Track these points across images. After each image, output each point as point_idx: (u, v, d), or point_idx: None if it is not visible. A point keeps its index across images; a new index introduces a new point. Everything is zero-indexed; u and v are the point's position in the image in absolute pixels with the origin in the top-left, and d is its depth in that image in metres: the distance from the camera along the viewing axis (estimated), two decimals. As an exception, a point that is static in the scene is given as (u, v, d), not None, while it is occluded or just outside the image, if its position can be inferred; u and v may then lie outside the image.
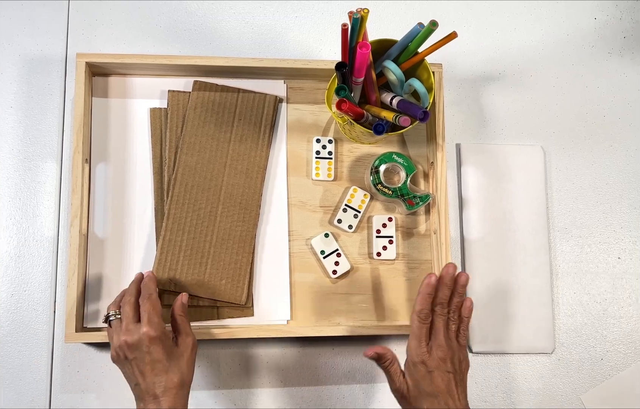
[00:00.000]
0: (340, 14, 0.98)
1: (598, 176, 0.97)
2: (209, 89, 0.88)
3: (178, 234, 0.83)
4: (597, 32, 1.02)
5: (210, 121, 0.86)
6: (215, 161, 0.86)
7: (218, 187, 0.85)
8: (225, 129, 0.86)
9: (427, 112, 0.77)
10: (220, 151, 0.86)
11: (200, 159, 0.85)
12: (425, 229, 0.91)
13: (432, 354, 0.72)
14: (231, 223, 0.85)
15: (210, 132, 0.86)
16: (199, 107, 0.86)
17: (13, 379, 0.84)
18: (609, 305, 0.94)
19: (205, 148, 0.85)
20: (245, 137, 0.87)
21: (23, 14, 0.93)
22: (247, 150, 0.87)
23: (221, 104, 0.87)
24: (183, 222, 0.83)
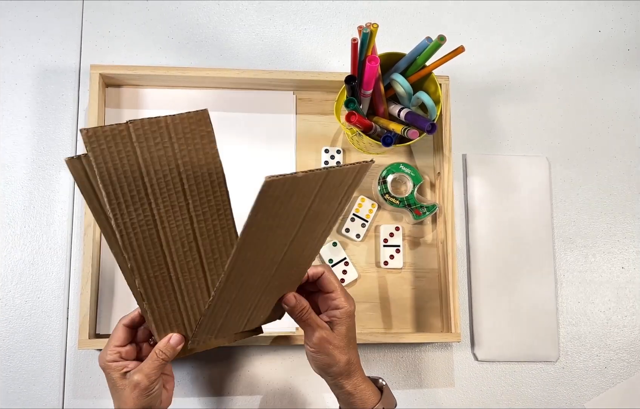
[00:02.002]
0: (348, 27, 0.99)
1: (602, 186, 0.99)
2: (281, 184, 0.55)
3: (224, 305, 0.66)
4: (602, 45, 1.03)
5: (279, 215, 0.59)
6: (278, 243, 0.63)
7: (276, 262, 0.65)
8: (295, 213, 0.61)
9: (434, 124, 0.78)
10: (286, 233, 0.63)
11: (260, 247, 0.62)
12: (431, 238, 0.93)
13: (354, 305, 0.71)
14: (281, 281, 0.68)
15: (275, 224, 0.60)
16: (271, 207, 0.58)
17: (27, 385, 0.85)
18: (612, 314, 0.95)
19: (267, 237, 0.61)
20: (316, 214, 0.63)
21: (37, 26, 0.94)
22: (317, 224, 0.65)
23: (295, 194, 0.59)
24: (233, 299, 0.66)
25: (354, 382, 0.71)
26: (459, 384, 0.91)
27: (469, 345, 0.92)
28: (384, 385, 0.74)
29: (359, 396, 0.71)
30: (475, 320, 0.92)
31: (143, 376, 0.67)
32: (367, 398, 0.71)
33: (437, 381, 0.91)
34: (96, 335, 0.84)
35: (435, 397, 0.91)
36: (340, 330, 0.69)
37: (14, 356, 0.86)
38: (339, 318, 0.69)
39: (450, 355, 0.92)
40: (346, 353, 0.69)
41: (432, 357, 0.91)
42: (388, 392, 0.74)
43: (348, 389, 0.70)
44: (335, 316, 0.69)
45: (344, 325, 0.70)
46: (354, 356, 0.71)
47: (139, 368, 0.68)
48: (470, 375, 0.92)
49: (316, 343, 0.69)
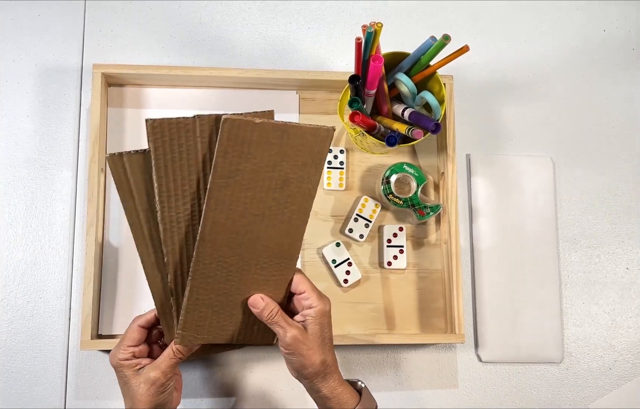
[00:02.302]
0: (351, 26, 0.99)
1: (607, 187, 0.98)
2: (243, 128, 0.63)
3: (205, 293, 0.69)
4: (606, 45, 1.03)
5: (245, 170, 0.65)
6: (250, 213, 0.67)
7: (253, 242, 0.68)
8: (263, 176, 0.66)
9: (438, 124, 0.78)
10: (257, 202, 0.67)
11: (231, 214, 0.66)
12: (435, 239, 0.92)
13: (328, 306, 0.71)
14: (266, 275, 0.71)
15: (245, 182, 0.65)
16: (231, 152, 0.64)
17: (29, 386, 0.85)
18: (617, 315, 0.95)
19: (238, 201, 0.66)
20: (288, 182, 0.67)
21: (39, 25, 0.94)
22: (290, 196, 0.68)
23: (260, 145, 0.65)
24: (211, 281, 0.69)
25: (330, 385, 0.70)
26: (462, 385, 0.91)
27: (473, 346, 0.92)
28: (363, 387, 0.73)
29: (337, 400, 0.70)
30: (479, 321, 0.91)
31: (160, 372, 0.69)
32: (345, 401, 0.70)
33: (441, 382, 0.91)
34: (98, 336, 0.84)
35: (438, 398, 0.90)
36: (314, 330, 0.69)
37: (16, 357, 0.85)
38: (312, 318, 0.69)
39: (454, 356, 0.91)
40: (320, 353, 0.68)
41: (436, 358, 0.91)
42: (367, 395, 0.72)
43: (324, 392, 0.70)
44: (309, 315, 0.69)
45: (317, 324, 0.69)
46: (329, 357, 0.70)
47: (155, 365, 0.69)
48: (474, 376, 0.91)
49: (289, 343, 0.67)
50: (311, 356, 0.68)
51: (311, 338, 0.68)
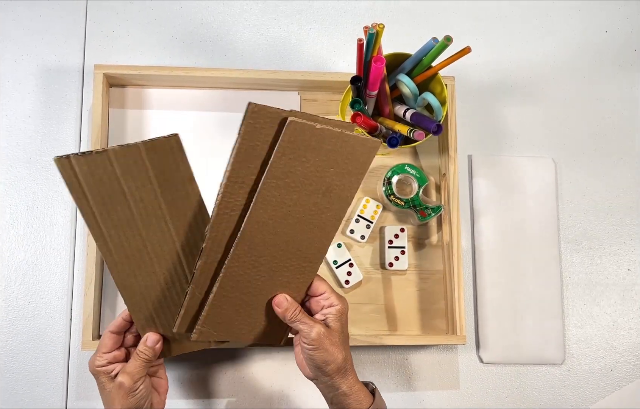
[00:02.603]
0: (353, 27, 0.99)
1: (608, 188, 0.98)
2: (304, 132, 0.65)
3: (231, 290, 0.70)
4: (608, 46, 1.03)
5: (297, 173, 0.66)
6: (290, 216, 0.68)
7: (286, 243, 0.70)
8: (311, 180, 0.67)
9: (440, 125, 0.78)
10: (300, 206, 0.68)
11: (274, 214, 0.67)
12: (437, 240, 0.92)
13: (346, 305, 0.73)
14: (289, 274, 0.71)
15: (293, 185, 0.67)
16: (288, 154, 0.65)
17: (30, 386, 0.85)
18: (618, 316, 0.95)
19: (283, 203, 0.67)
20: (330, 189, 0.69)
21: (41, 25, 0.94)
22: (330, 203, 0.69)
23: (315, 150, 0.66)
24: (240, 280, 0.69)
25: (349, 382, 0.70)
26: (464, 386, 0.91)
27: (474, 347, 0.92)
28: (375, 388, 0.74)
29: (354, 397, 0.70)
30: (480, 322, 0.91)
31: (126, 375, 0.69)
32: (362, 400, 0.70)
33: (442, 383, 0.91)
34: (99, 336, 0.84)
35: (440, 399, 0.90)
36: (336, 326, 0.70)
37: (17, 357, 0.85)
38: (334, 315, 0.70)
39: (456, 357, 0.91)
40: (342, 349, 0.70)
41: (437, 359, 0.91)
42: (379, 396, 0.73)
43: (344, 389, 0.70)
44: (331, 313, 0.70)
45: (339, 322, 0.70)
46: (349, 355, 0.71)
47: (122, 369, 0.70)
48: (475, 378, 0.91)
49: (315, 339, 0.68)
50: (334, 351, 0.69)
51: (334, 334, 0.70)
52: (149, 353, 0.70)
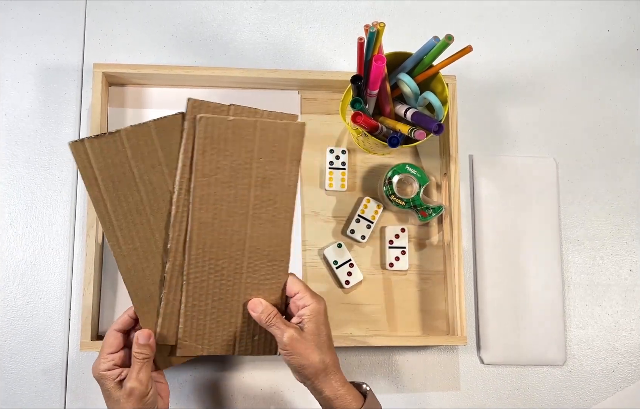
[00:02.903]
0: (354, 26, 0.98)
1: (610, 188, 0.98)
2: (218, 125, 0.68)
3: (201, 298, 0.71)
4: (610, 45, 1.02)
5: (224, 167, 0.69)
6: (234, 212, 0.70)
7: (241, 242, 0.71)
8: (243, 173, 0.69)
9: (441, 125, 0.78)
10: (240, 200, 0.70)
11: (217, 213, 0.69)
12: (437, 240, 0.92)
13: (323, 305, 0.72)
14: (259, 278, 0.72)
15: (225, 180, 0.69)
16: (209, 151, 0.68)
17: (28, 386, 0.85)
18: (620, 317, 0.94)
19: (221, 200, 0.69)
20: (268, 180, 0.70)
21: (40, 24, 0.93)
22: (272, 195, 0.71)
23: (236, 142, 0.68)
24: (205, 285, 0.71)
25: (332, 385, 0.69)
26: (464, 387, 0.91)
27: (475, 348, 0.91)
28: (368, 390, 0.72)
29: (340, 401, 0.69)
30: (481, 323, 0.91)
31: (135, 381, 0.66)
32: (348, 404, 0.69)
33: (443, 384, 0.90)
34: (98, 337, 0.84)
35: (440, 400, 0.90)
36: (310, 328, 0.69)
37: (15, 358, 0.85)
38: (307, 316, 0.69)
39: (456, 358, 0.91)
40: (318, 352, 0.68)
41: (438, 360, 0.91)
42: (372, 398, 0.72)
43: (327, 393, 0.69)
44: (304, 314, 0.69)
45: (313, 323, 0.69)
46: (328, 357, 0.69)
47: (129, 376, 0.67)
48: (476, 378, 0.91)
49: (287, 344, 0.68)
50: (309, 354, 0.68)
51: (308, 336, 0.69)
52: (147, 351, 0.68)
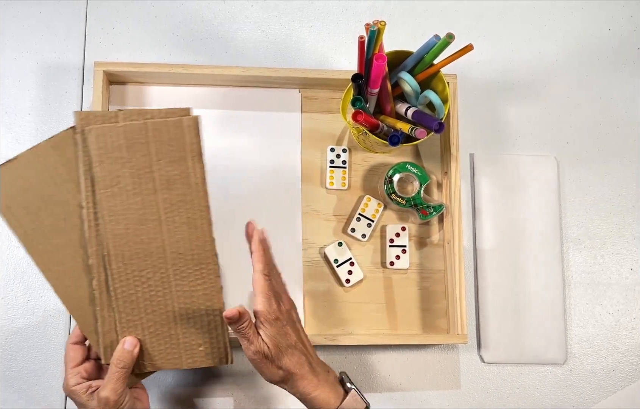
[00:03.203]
0: (355, 24, 0.98)
1: (611, 187, 0.97)
2: (109, 134, 0.67)
3: (134, 312, 0.69)
4: (611, 44, 1.02)
5: (125, 175, 0.67)
6: (146, 220, 0.68)
7: (161, 249, 0.69)
8: (145, 178, 0.68)
9: (442, 123, 0.77)
10: (149, 206, 0.68)
11: (128, 223, 0.68)
12: (438, 239, 0.92)
13: (282, 309, 0.70)
14: (189, 283, 0.70)
15: (129, 188, 0.67)
16: (105, 161, 0.67)
17: (29, 385, 0.85)
18: (621, 316, 0.94)
19: (129, 209, 0.68)
20: (172, 181, 0.68)
21: (41, 22, 0.93)
22: (180, 196, 0.69)
23: (130, 148, 0.67)
24: (135, 298, 0.69)
25: (301, 390, 0.69)
26: (465, 386, 0.91)
27: (476, 347, 0.91)
28: (351, 390, 0.71)
29: (312, 403, 0.69)
30: (482, 322, 0.91)
31: (109, 390, 0.66)
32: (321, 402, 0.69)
33: (443, 383, 0.90)
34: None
35: (441, 399, 0.90)
36: (267, 335, 0.67)
37: (16, 355, 0.85)
38: (260, 323, 0.67)
39: (457, 357, 0.91)
40: (277, 364, 0.67)
41: (438, 359, 0.91)
42: (354, 398, 0.71)
43: (299, 396, 0.70)
44: (258, 321, 0.67)
45: (268, 331, 0.67)
46: (291, 365, 0.68)
47: (103, 385, 0.66)
48: (476, 377, 0.91)
49: (249, 358, 0.68)
50: (267, 369, 0.68)
51: (265, 347, 0.67)
52: (128, 359, 0.67)
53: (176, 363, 0.71)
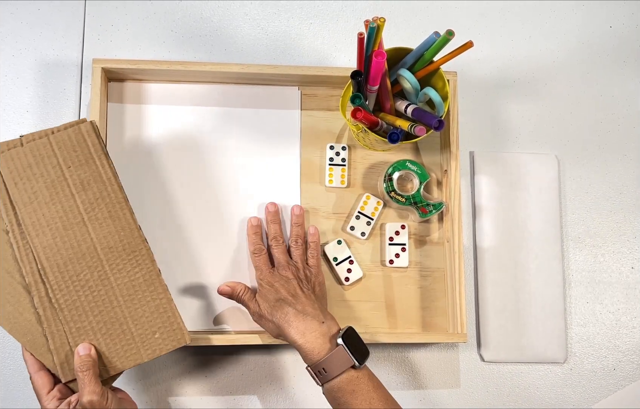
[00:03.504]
0: (355, 21, 0.98)
1: (612, 185, 0.97)
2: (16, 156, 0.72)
3: (82, 318, 0.70)
4: (613, 41, 1.01)
5: (40, 188, 0.71)
6: (71, 224, 0.71)
7: (92, 248, 0.71)
8: (60, 186, 0.72)
9: (442, 121, 0.77)
10: (70, 211, 0.71)
11: (54, 232, 0.71)
12: (438, 237, 0.91)
13: (275, 274, 0.81)
14: (127, 274, 0.72)
15: (47, 199, 0.71)
16: (19, 181, 0.71)
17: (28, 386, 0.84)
18: (622, 315, 0.94)
19: (53, 218, 0.71)
20: (86, 182, 0.72)
21: (39, 19, 0.93)
22: (97, 193, 0.73)
23: (39, 164, 0.72)
24: (79, 304, 0.70)
25: (290, 340, 0.75)
26: (464, 385, 0.90)
27: (475, 346, 0.91)
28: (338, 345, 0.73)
29: (301, 350, 0.75)
30: (481, 320, 0.91)
31: (88, 393, 0.66)
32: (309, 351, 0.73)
33: (443, 381, 0.90)
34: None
35: (440, 398, 0.89)
36: (260, 295, 0.79)
37: (17, 353, 0.85)
38: (258, 288, 0.80)
39: (456, 356, 0.91)
40: (270, 319, 0.77)
41: (438, 357, 0.90)
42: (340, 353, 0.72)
43: (291, 343, 0.76)
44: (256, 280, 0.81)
45: (261, 292, 0.79)
46: (279, 316, 0.76)
47: (80, 394, 0.67)
48: (476, 376, 0.91)
49: (253, 319, 0.81)
50: (266, 324, 0.79)
51: (262, 306, 0.78)
52: (88, 361, 0.68)
53: (136, 359, 0.72)
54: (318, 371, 0.72)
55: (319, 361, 0.72)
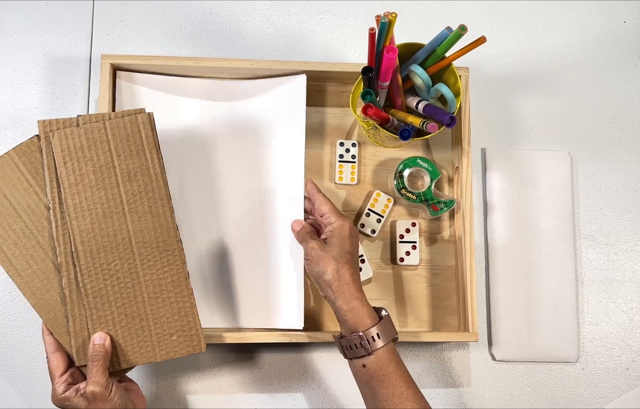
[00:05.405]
0: (365, 16, 0.97)
1: (625, 182, 0.96)
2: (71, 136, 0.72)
3: (104, 307, 0.71)
4: (627, 36, 1.00)
5: (87, 171, 0.72)
6: (111, 212, 0.72)
7: (127, 240, 0.72)
8: (107, 173, 0.72)
9: (454, 117, 0.76)
10: (112, 199, 0.72)
11: (93, 217, 0.72)
12: (449, 234, 0.90)
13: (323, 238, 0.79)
14: (156, 272, 0.73)
15: (93, 183, 0.72)
16: (69, 161, 0.72)
17: (35, 381, 0.84)
18: (635, 314, 0.93)
19: (94, 203, 0.72)
20: (133, 173, 0.73)
21: (47, 15, 0.93)
22: (142, 186, 0.73)
23: (91, 147, 0.72)
24: (104, 292, 0.71)
25: (345, 297, 0.72)
26: (476, 384, 0.89)
27: (487, 345, 0.90)
28: (385, 315, 0.74)
29: (352, 313, 0.72)
30: (493, 319, 0.90)
31: (93, 383, 0.68)
32: (361, 317, 0.72)
33: (454, 380, 0.89)
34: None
35: (452, 397, 0.89)
36: (332, 242, 0.76)
37: (22, 351, 0.85)
38: (331, 232, 0.76)
39: (467, 355, 0.90)
40: (334, 262, 0.74)
41: (449, 356, 0.90)
42: (388, 322, 0.73)
43: (339, 303, 0.72)
44: (329, 230, 0.77)
45: (336, 238, 0.76)
46: (344, 269, 0.74)
47: (87, 382, 0.68)
48: (487, 375, 0.90)
49: (308, 253, 0.76)
50: (324, 265, 0.74)
51: (328, 248, 0.75)
52: (100, 351, 0.69)
53: (150, 357, 0.72)
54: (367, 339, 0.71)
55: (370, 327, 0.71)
